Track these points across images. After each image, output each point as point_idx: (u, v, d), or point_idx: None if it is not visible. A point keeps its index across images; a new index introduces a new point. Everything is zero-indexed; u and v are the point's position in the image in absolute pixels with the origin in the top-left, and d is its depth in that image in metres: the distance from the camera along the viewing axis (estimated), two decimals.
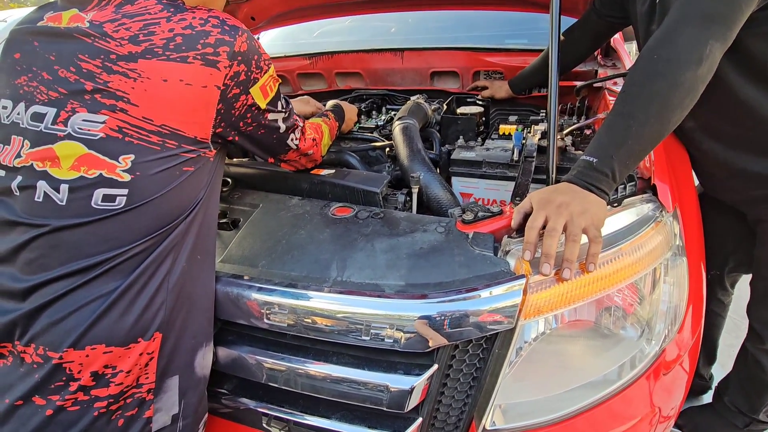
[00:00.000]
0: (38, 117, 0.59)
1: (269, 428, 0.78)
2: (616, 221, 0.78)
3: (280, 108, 0.77)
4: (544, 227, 0.70)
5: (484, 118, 1.43)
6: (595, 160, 0.73)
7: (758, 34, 0.79)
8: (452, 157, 1.12)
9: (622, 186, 0.84)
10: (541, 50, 1.52)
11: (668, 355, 0.84)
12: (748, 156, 0.93)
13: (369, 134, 1.38)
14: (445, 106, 1.46)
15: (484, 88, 1.54)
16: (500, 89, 1.49)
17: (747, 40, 0.79)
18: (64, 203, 0.59)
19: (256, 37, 2.41)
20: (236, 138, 0.73)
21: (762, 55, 0.81)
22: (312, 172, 0.99)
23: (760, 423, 1.23)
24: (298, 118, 0.85)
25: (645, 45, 0.76)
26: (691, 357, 0.91)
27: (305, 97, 1.37)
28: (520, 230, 0.74)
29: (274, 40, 2.15)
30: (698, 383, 1.46)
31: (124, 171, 0.59)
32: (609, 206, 0.79)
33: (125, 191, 0.60)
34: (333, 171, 0.98)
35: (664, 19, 0.76)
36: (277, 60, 2.00)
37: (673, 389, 0.90)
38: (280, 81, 0.77)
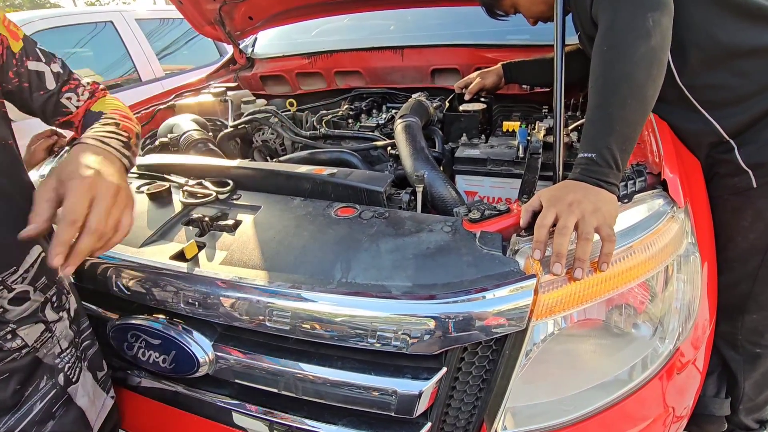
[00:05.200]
0: None
1: None
2: (627, 217, 0.76)
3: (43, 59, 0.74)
4: (554, 225, 0.68)
5: (487, 115, 1.40)
6: (593, 155, 0.72)
7: None
8: (456, 155, 1.10)
9: (632, 181, 0.82)
10: (544, 45, 1.50)
11: (682, 353, 0.82)
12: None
13: (370, 133, 1.36)
14: (447, 104, 1.44)
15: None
16: (488, 75, 1.39)
17: None
18: None
19: (254, 37, 2.33)
20: None
21: None
22: (314, 171, 0.97)
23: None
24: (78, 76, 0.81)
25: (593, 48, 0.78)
26: (705, 354, 0.89)
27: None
28: (529, 228, 0.72)
29: (272, 40, 2.13)
30: None
31: None
32: (619, 202, 0.77)
33: None
34: (335, 170, 0.96)
35: (600, 19, 0.78)
36: (275, 60, 1.98)
37: (686, 388, 0.88)
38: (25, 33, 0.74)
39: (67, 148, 1.36)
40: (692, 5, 0.87)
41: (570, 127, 1.11)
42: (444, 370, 0.68)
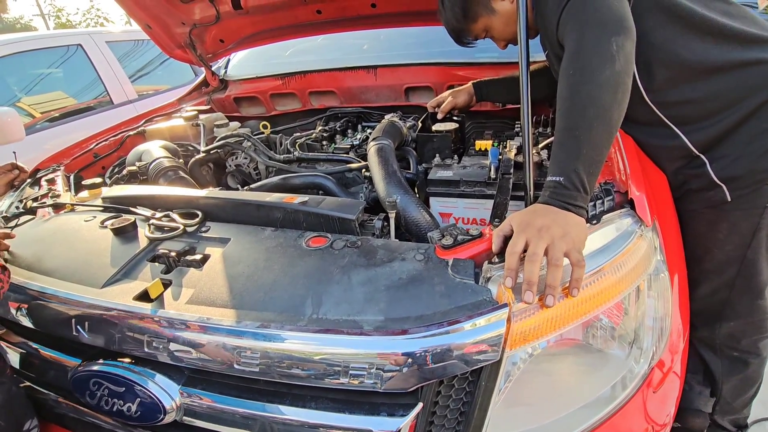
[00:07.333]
0: None
1: None
2: (596, 239, 0.76)
3: None
4: (524, 251, 0.67)
5: (459, 134, 1.41)
6: (561, 179, 0.72)
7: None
8: (429, 176, 1.10)
9: (600, 201, 0.83)
10: (514, 63, 1.52)
11: (662, 363, 0.82)
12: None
13: (344, 155, 1.36)
14: (420, 123, 1.45)
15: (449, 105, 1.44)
16: (460, 94, 1.40)
17: None
18: None
19: (226, 58, 2.32)
20: None
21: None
22: (285, 199, 0.95)
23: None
24: None
25: (559, 70, 0.79)
26: (682, 360, 0.89)
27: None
28: (501, 254, 0.72)
29: (245, 61, 2.11)
30: None
31: None
32: (588, 223, 0.77)
33: None
34: (306, 198, 0.94)
35: (566, 43, 0.80)
36: (249, 81, 1.96)
37: (666, 398, 0.88)
38: None
39: (28, 181, 1.31)
40: (657, 26, 0.89)
41: (540, 146, 1.12)
42: (420, 405, 0.67)
